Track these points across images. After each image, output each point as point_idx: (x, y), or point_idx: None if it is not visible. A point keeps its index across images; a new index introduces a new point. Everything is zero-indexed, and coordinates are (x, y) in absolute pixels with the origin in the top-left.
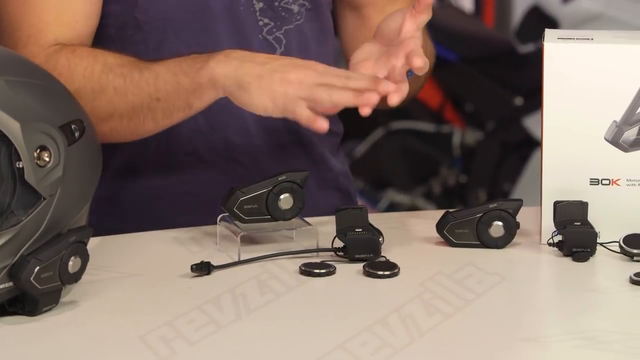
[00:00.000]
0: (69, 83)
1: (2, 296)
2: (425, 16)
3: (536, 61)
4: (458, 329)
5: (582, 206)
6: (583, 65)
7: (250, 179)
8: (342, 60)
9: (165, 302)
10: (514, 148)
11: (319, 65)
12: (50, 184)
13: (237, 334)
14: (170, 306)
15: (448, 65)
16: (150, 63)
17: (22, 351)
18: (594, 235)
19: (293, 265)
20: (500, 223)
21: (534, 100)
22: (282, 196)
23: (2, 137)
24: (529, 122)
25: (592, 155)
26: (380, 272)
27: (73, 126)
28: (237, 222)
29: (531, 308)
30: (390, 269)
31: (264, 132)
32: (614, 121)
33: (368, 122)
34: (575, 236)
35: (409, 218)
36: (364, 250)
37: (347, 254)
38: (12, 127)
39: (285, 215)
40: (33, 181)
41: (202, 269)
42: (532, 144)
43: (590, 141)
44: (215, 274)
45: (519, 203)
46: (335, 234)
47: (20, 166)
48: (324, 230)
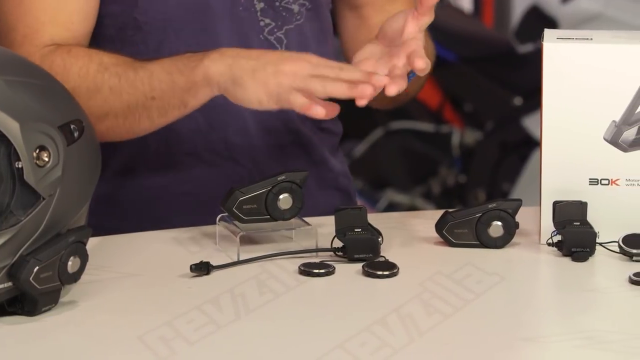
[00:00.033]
0: (65, 83)
1: (1, 296)
2: (427, 18)
3: (535, 61)
4: (457, 329)
5: (582, 206)
6: (582, 65)
7: (250, 179)
8: (342, 60)
9: (165, 302)
10: (513, 148)
11: (313, 57)
12: (50, 184)
13: (237, 334)
14: (170, 306)
15: (447, 65)
16: (145, 62)
17: (21, 351)
18: (593, 235)
19: (292, 265)
20: (499, 223)
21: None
22: (281, 196)
23: (1, 137)
24: (528, 122)
25: (592, 155)
26: (380, 272)
27: (72, 126)
28: (236, 222)
29: (530, 308)
30: (390, 269)
31: (264, 132)
32: (613, 121)
33: (367, 122)
34: (575, 236)
35: (408, 218)
36: (363, 250)
37: (347, 254)
38: (11, 127)
39: (285, 215)
40: (32, 181)
41: (202, 269)
42: (532, 144)
43: (590, 141)
44: (215, 274)
45: (518, 203)
46: (334, 234)
47: (20, 166)
48: (323, 230)
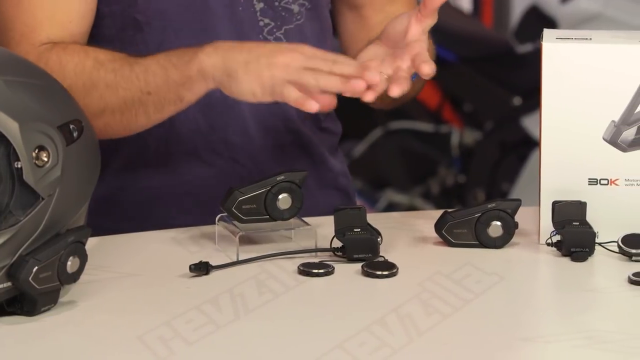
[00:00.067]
0: (61, 80)
1: (0, 296)
2: (431, 20)
3: (535, 61)
4: (456, 328)
5: (581, 206)
6: (581, 65)
7: (249, 179)
8: None
9: (164, 302)
10: (512, 148)
11: (306, 49)
12: (49, 184)
13: (236, 334)
14: (169, 306)
15: (446, 65)
16: (141, 58)
17: (20, 351)
18: (593, 235)
19: (291, 265)
20: (498, 223)
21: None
22: (280, 196)
23: (0, 137)
24: (528, 122)
25: (591, 155)
26: (379, 272)
27: (71, 126)
28: (235, 222)
29: (529, 308)
30: (389, 269)
31: (264, 132)
32: (613, 121)
33: (366, 122)
34: (574, 236)
35: (408, 218)
36: (362, 250)
37: (346, 254)
38: (10, 127)
39: (284, 215)
40: (31, 181)
41: (201, 269)
42: (531, 144)
43: (589, 141)
44: (214, 274)
45: (518, 203)
46: (333, 234)
47: (19, 166)
48: (323, 230)
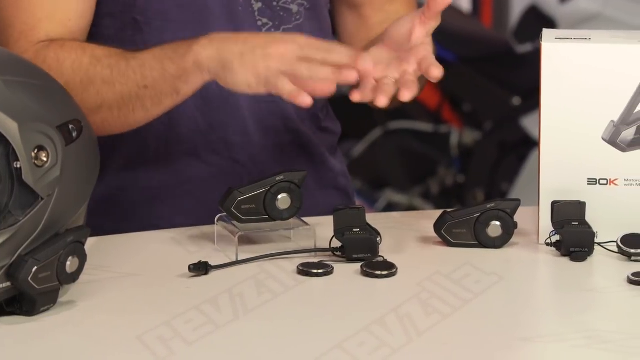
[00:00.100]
0: (58, 76)
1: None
2: (434, 22)
3: (534, 61)
4: (456, 328)
5: (580, 206)
6: (581, 65)
7: (249, 178)
8: None
9: (163, 302)
10: (511, 148)
11: (301, 38)
12: (48, 184)
13: (235, 334)
14: (168, 306)
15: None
16: (137, 52)
17: (20, 351)
18: (592, 235)
19: (291, 265)
20: (498, 223)
21: (532, 100)
22: (279, 196)
23: None
24: (527, 122)
25: (590, 155)
26: (378, 272)
27: (71, 126)
28: (234, 222)
29: (529, 308)
30: (388, 268)
31: (263, 132)
32: (612, 121)
33: (366, 122)
34: (573, 236)
35: (407, 218)
36: (361, 250)
37: (345, 254)
38: (9, 127)
39: (283, 215)
40: (31, 181)
41: (200, 269)
42: (530, 144)
43: (588, 141)
44: (213, 274)
45: (517, 203)
46: (333, 234)
47: (18, 166)
48: (322, 230)
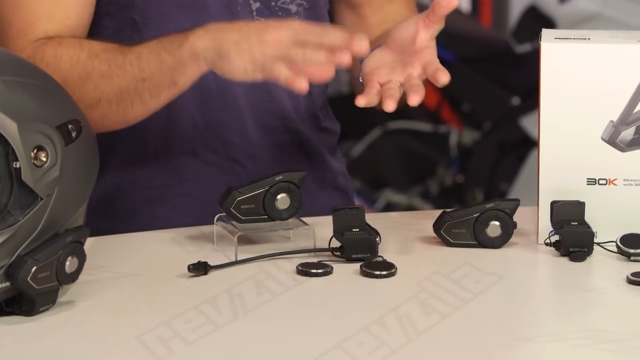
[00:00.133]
0: (56, 72)
1: None
2: (438, 25)
3: (533, 61)
4: (455, 328)
5: (579, 206)
6: (580, 65)
7: (248, 178)
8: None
9: (163, 302)
10: (511, 148)
11: (296, 24)
12: (47, 184)
13: (234, 334)
14: (167, 306)
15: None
16: (134, 46)
17: (19, 351)
18: (591, 235)
19: (290, 265)
20: (497, 223)
21: (531, 100)
22: (279, 196)
23: None
24: (526, 122)
25: (589, 155)
26: (377, 272)
27: (70, 126)
28: (234, 222)
29: (528, 308)
30: (387, 268)
31: (263, 131)
32: (611, 121)
33: (365, 122)
34: (572, 236)
35: (406, 218)
36: (361, 250)
37: (344, 254)
38: (9, 127)
39: (282, 215)
40: (30, 181)
41: (199, 269)
42: (529, 144)
43: (587, 141)
44: (212, 274)
45: (516, 203)
46: (332, 234)
47: (17, 166)
48: (321, 230)
